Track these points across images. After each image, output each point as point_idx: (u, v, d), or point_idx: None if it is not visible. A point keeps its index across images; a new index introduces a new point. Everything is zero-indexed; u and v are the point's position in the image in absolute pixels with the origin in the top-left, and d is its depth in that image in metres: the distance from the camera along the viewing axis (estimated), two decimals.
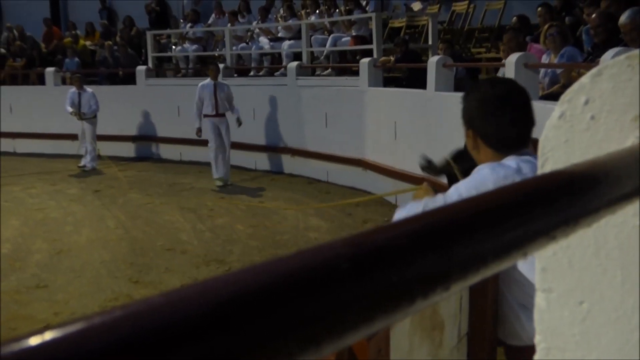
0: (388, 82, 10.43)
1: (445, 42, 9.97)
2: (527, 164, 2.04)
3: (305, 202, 9.38)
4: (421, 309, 0.44)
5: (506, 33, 8.00)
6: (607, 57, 5.07)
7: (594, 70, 0.82)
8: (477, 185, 2.00)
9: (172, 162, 12.82)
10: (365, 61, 10.13)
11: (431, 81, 8.44)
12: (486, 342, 2.15)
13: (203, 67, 12.67)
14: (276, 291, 0.36)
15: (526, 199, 0.54)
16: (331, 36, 11.68)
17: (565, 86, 5.58)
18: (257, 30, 13.24)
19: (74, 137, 12.65)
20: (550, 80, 7.04)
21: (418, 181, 8.24)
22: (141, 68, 13.56)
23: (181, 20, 14.90)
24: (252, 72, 12.86)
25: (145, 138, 13.53)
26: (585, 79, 0.83)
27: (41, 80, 14.66)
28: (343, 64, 11.66)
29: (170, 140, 12.97)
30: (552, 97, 6.30)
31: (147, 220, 8.67)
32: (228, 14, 13.79)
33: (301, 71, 11.39)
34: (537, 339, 0.89)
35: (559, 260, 0.85)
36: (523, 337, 2.09)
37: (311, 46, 11.81)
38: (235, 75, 12.68)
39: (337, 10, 12.10)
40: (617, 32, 6.29)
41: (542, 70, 7.10)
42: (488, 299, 2.12)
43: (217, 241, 7.70)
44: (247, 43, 13.25)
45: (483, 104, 2.13)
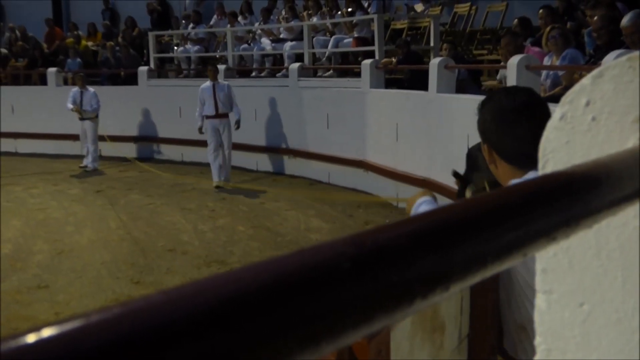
0: (390, 84, 10.42)
1: (448, 44, 9.96)
2: None
3: (306, 204, 9.38)
4: (421, 309, 0.44)
5: (503, 37, 7.97)
6: (609, 60, 5.07)
7: (595, 71, 0.82)
8: None
9: (174, 163, 12.83)
10: (367, 62, 10.13)
11: (433, 83, 8.44)
12: (487, 344, 2.15)
13: (205, 68, 12.67)
14: (277, 290, 0.36)
15: (527, 200, 0.54)
16: (333, 37, 11.67)
17: (567, 88, 5.57)
18: (259, 31, 13.24)
19: (76, 138, 12.67)
20: (552, 82, 7.03)
21: (419, 183, 8.27)
22: (143, 69, 13.57)
23: (183, 21, 14.90)
24: (254, 73, 12.86)
25: (146, 139, 13.54)
26: (586, 81, 0.83)
27: (43, 80, 14.66)
28: (345, 66, 11.67)
29: (171, 140, 12.99)
30: (554, 100, 6.27)
31: (149, 221, 8.67)
32: (229, 15, 13.78)
33: (303, 72, 11.39)
34: (538, 341, 0.89)
35: (560, 261, 0.85)
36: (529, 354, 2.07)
37: (313, 47, 11.81)
38: (237, 76, 12.67)
39: (339, 11, 12.09)
40: (619, 35, 6.29)
41: (544, 72, 7.10)
42: (489, 300, 2.11)
43: (218, 242, 7.70)
44: (249, 44, 13.25)
45: (498, 117, 1.94)
